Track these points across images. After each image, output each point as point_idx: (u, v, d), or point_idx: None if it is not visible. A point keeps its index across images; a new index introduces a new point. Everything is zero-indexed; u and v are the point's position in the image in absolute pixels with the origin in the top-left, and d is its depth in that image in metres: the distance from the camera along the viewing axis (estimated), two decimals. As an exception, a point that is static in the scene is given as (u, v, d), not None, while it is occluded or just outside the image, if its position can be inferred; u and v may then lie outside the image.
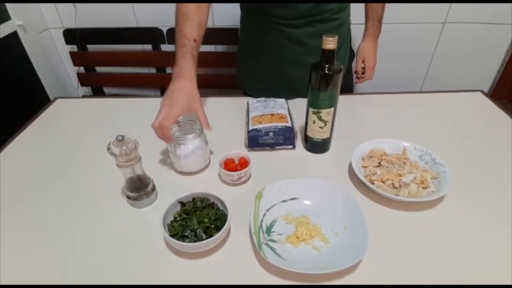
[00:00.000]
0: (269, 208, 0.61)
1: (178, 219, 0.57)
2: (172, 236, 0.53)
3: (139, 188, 0.62)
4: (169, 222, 0.58)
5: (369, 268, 0.52)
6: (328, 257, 0.53)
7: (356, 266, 0.52)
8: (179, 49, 0.72)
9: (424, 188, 0.63)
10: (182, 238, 0.54)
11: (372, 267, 0.52)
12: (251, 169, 0.69)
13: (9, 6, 1.34)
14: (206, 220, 0.56)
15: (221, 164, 0.69)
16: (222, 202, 0.59)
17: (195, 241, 0.54)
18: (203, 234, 0.55)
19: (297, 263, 0.51)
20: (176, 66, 0.71)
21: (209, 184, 0.69)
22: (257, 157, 0.72)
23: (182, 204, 0.60)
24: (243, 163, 0.70)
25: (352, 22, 0.96)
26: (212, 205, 0.60)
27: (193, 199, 0.60)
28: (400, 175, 0.65)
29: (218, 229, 0.55)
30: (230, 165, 0.69)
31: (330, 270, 0.49)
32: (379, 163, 0.69)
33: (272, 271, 0.52)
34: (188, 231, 0.55)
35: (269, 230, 0.58)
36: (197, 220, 0.56)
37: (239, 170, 0.66)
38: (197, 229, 0.55)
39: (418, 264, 0.53)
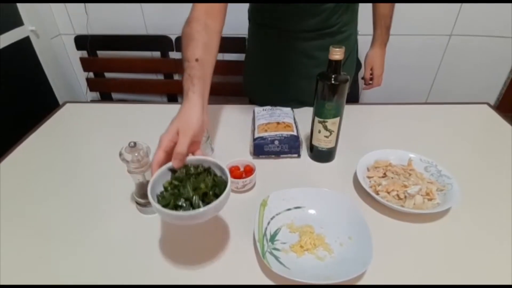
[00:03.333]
0: (274, 216, 0.61)
1: (168, 188, 0.49)
2: (163, 207, 0.45)
3: None
4: (158, 193, 0.49)
5: (373, 280, 0.52)
6: (332, 267, 0.53)
7: (360, 277, 0.51)
8: (183, 75, 0.62)
9: (430, 200, 0.63)
10: (175, 208, 0.46)
11: (376, 279, 0.52)
12: (256, 177, 0.69)
13: (22, 12, 1.38)
14: (202, 186, 0.48)
15: None
16: (219, 167, 0.51)
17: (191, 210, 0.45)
18: (200, 202, 0.47)
19: (301, 273, 0.50)
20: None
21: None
22: (262, 165, 0.73)
23: (173, 171, 0.51)
24: (248, 171, 0.70)
25: (359, 33, 0.97)
26: (208, 170, 0.52)
27: (186, 165, 0.52)
28: (405, 186, 0.64)
29: (217, 196, 0.47)
30: (235, 172, 0.70)
31: (334, 280, 0.49)
32: (384, 173, 0.69)
33: (276, 280, 0.52)
34: (181, 199, 0.47)
35: (273, 238, 0.58)
36: (192, 187, 0.48)
37: (244, 178, 0.67)
38: (192, 196, 0.47)
39: (422, 276, 0.52)
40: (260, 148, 0.77)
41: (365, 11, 0.98)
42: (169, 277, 0.53)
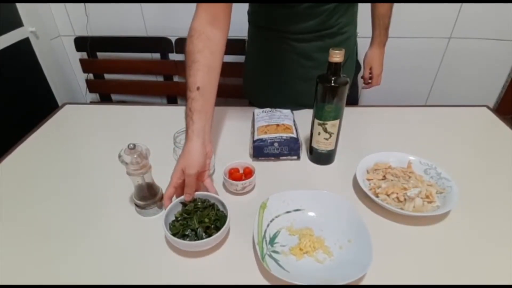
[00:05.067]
0: (273, 219, 0.61)
1: (179, 218, 0.59)
2: (173, 235, 0.55)
3: (148, 197, 0.63)
4: (170, 221, 0.59)
5: (373, 282, 0.51)
6: (331, 270, 0.53)
7: (359, 280, 0.51)
8: (186, 103, 0.64)
9: (429, 202, 0.63)
10: (183, 237, 0.56)
11: (376, 281, 0.52)
12: (255, 179, 0.69)
13: (22, 13, 1.38)
14: (206, 220, 0.58)
15: (225, 173, 0.69)
16: (222, 204, 0.60)
17: (195, 240, 0.55)
18: (203, 234, 0.56)
19: (300, 276, 0.50)
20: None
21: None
22: (262, 167, 0.73)
23: (184, 204, 0.61)
24: (248, 173, 0.70)
25: (358, 35, 0.97)
26: (212, 206, 0.61)
27: (194, 200, 0.62)
28: (405, 188, 0.64)
29: (218, 229, 0.56)
30: (235, 175, 0.70)
31: (333, 283, 0.49)
32: (384, 176, 0.69)
33: (275, 283, 0.51)
34: (188, 230, 0.57)
35: (272, 241, 0.58)
36: (198, 220, 0.58)
37: (243, 180, 0.67)
38: (197, 228, 0.57)
39: (422, 278, 0.52)
40: (260, 150, 0.77)
41: (364, 14, 0.98)
42: (168, 278, 0.53)
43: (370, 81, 1.09)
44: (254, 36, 0.96)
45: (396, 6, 0.98)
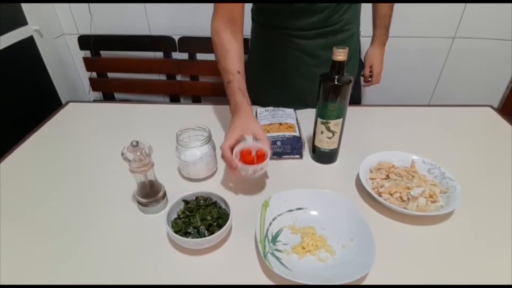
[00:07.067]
0: (275, 218, 0.61)
1: (181, 216, 0.59)
2: (176, 232, 0.55)
3: (150, 194, 0.63)
4: (172, 219, 0.59)
5: (375, 282, 0.51)
6: (334, 269, 0.52)
7: (362, 279, 0.51)
8: (228, 86, 0.74)
9: (433, 202, 0.63)
10: (185, 234, 0.56)
11: (378, 281, 0.51)
12: (267, 164, 0.65)
13: (26, 12, 1.39)
14: (208, 218, 0.58)
15: (236, 154, 0.64)
16: (224, 201, 0.61)
17: (197, 238, 0.55)
18: (206, 231, 0.56)
19: (302, 274, 0.50)
20: (230, 104, 0.74)
21: (215, 191, 0.69)
22: (264, 166, 0.73)
23: (186, 202, 0.61)
24: (260, 156, 0.65)
25: (362, 34, 0.97)
26: (214, 203, 0.61)
27: (197, 197, 0.62)
28: (408, 188, 0.64)
29: (220, 227, 0.56)
30: (246, 157, 0.65)
31: (335, 282, 0.48)
32: (387, 175, 0.69)
33: (277, 281, 0.51)
34: (191, 227, 0.57)
35: (274, 239, 0.58)
36: (200, 218, 0.58)
37: (255, 164, 0.63)
38: (200, 226, 0.57)
39: (424, 279, 0.52)
40: (262, 149, 0.76)
41: (367, 13, 0.98)
42: (170, 276, 0.53)
43: (370, 79, 1.09)
44: (257, 33, 0.96)
45: (401, 6, 0.98)
